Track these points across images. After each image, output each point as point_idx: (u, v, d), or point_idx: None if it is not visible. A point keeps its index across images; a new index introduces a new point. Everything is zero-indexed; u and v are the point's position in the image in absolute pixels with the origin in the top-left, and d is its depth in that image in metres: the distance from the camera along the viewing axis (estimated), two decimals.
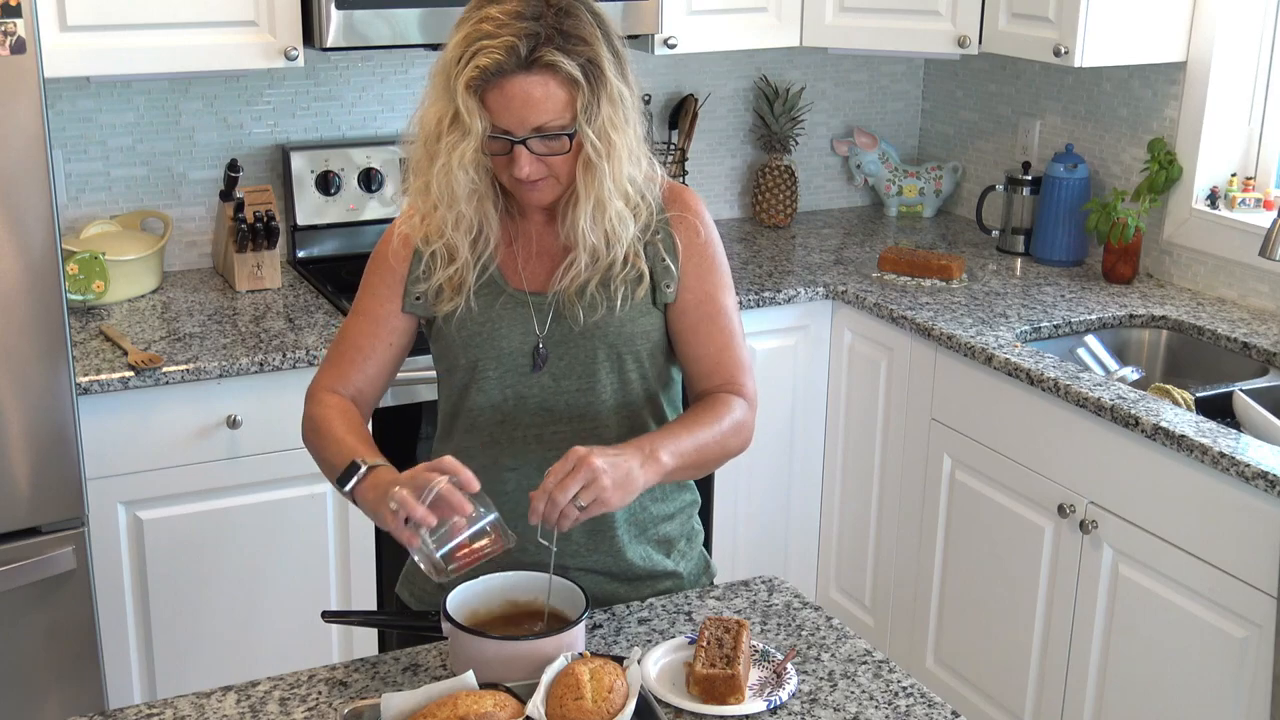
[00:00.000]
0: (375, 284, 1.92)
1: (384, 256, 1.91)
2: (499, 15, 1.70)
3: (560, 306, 1.85)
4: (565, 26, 1.71)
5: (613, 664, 1.61)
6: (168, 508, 2.81)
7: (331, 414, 1.86)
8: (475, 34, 1.70)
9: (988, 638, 3.07)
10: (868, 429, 3.37)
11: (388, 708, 1.54)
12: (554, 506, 1.64)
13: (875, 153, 4.01)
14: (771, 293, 3.30)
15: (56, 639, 2.65)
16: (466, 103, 1.70)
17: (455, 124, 1.73)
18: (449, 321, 1.87)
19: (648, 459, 1.72)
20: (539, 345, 1.85)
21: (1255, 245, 3.06)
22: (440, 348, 1.92)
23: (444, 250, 1.83)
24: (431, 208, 1.81)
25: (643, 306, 1.87)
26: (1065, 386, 2.73)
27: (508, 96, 1.70)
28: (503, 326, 1.86)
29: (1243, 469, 2.39)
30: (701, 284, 1.89)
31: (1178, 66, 3.30)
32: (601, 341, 1.86)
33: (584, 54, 1.71)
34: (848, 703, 1.69)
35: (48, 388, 2.54)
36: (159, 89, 3.26)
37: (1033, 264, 3.58)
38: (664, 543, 1.97)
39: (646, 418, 1.93)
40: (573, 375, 1.87)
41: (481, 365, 1.87)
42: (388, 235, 1.92)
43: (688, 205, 1.90)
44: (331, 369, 1.92)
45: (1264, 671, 2.41)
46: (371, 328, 1.90)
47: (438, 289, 1.86)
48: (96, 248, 3.03)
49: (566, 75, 1.70)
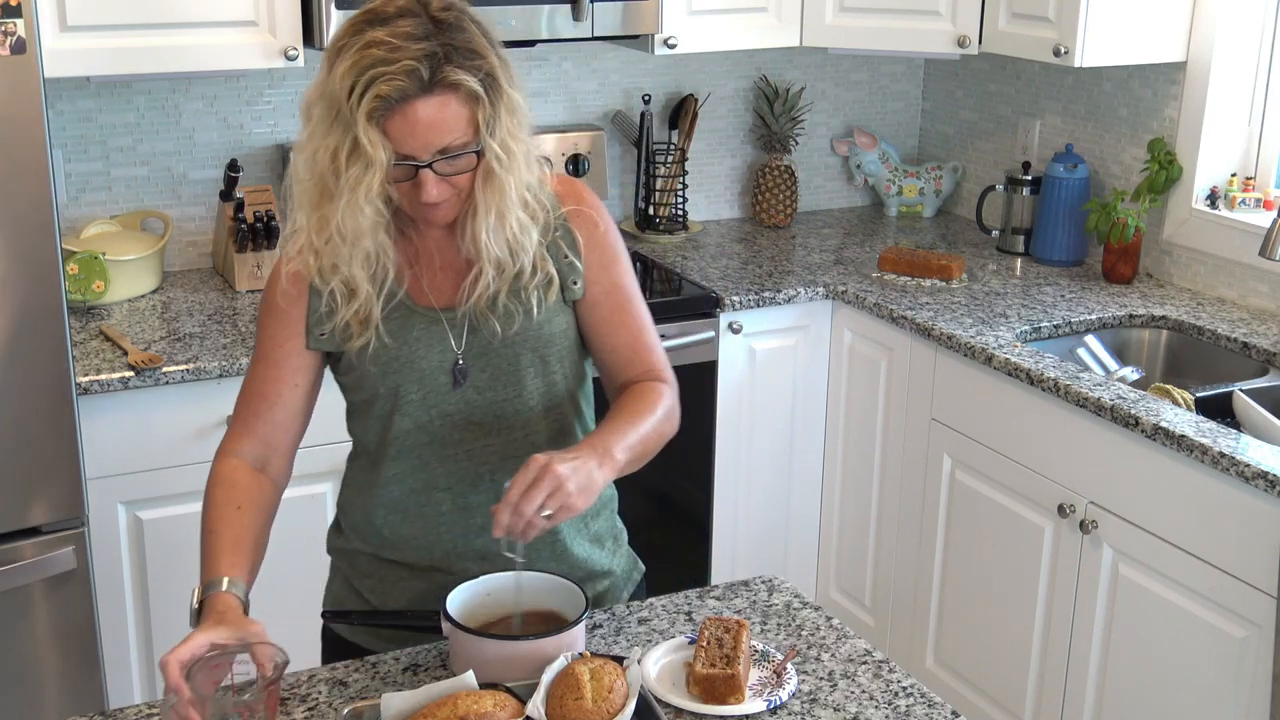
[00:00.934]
0: (271, 328, 1.83)
1: (275, 300, 1.82)
2: (388, 39, 1.62)
3: (474, 320, 1.81)
4: (459, 42, 1.65)
5: (613, 664, 1.61)
6: (168, 508, 2.81)
7: (215, 490, 1.79)
8: (366, 61, 1.62)
9: (988, 638, 3.07)
10: (868, 429, 3.37)
11: (388, 708, 1.54)
12: (520, 518, 1.62)
13: (875, 153, 4.01)
14: (771, 293, 3.30)
15: (56, 639, 2.65)
16: (369, 134, 1.62)
17: (356, 157, 1.64)
18: (362, 355, 1.80)
19: (604, 458, 1.70)
20: (458, 361, 1.81)
21: (1255, 245, 3.06)
22: (354, 379, 1.85)
23: (342, 287, 1.76)
24: (325, 243, 1.72)
25: (556, 307, 1.84)
26: (1065, 386, 2.73)
27: (411, 122, 1.63)
28: (420, 348, 1.80)
29: (1243, 469, 2.39)
30: (608, 275, 1.88)
31: (1178, 66, 3.30)
32: (524, 348, 1.82)
33: (481, 67, 1.67)
34: (848, 703, 1.69)
35: (48, 388, 2.54)
36: (159, 89, 3.26)
37: (1033, 264, 3.58)
38: (596, 540, 1.96)
39: (570, 418, 1.91)
40: (498, 385, 1.83)
41: (403, 389, 1.81)
42: (274, 278, 1.83)
43: (583, 199, 1.88)
44: (238, 425, 1.85)
45: (1264, 671, 2.41)
46: (274, 373, 1.83)
47: (344, 325, 1.78)
48: (96, 248, 3.04)
49: (468, 92, 1.65)
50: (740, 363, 3.34)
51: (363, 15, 1.68)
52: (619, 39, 3.37)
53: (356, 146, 1.64)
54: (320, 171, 1.68)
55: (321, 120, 1.67)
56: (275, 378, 1.83)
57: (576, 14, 3.16)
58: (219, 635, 1.57)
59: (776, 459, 3.45)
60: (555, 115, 3.72)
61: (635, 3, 3.23)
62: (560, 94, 3.71)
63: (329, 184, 1.68)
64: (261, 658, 1.56)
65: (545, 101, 3.69)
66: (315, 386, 1.86)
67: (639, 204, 3.77)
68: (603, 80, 3.74)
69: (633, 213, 3.81)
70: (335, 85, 1.64)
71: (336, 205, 1.68)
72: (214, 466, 1.84)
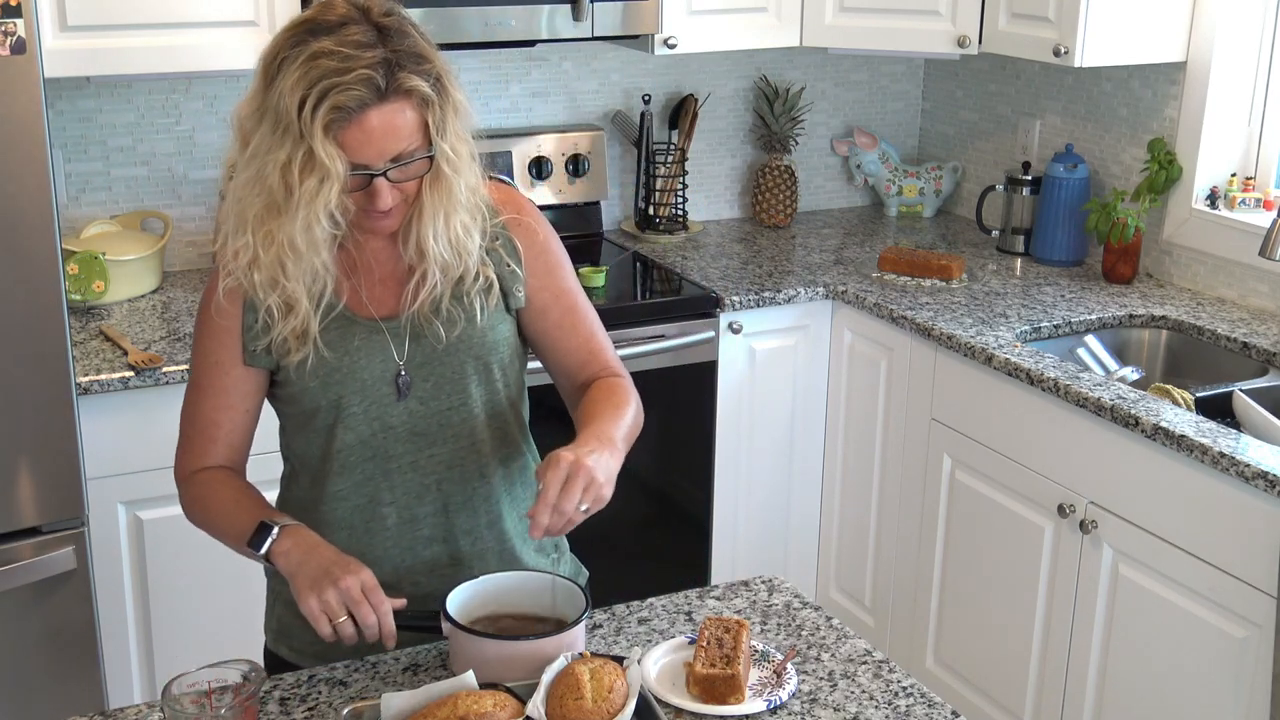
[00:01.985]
0: (212, 350, 1.80)
1: (211, 320, 1.79)
2: (337, 49, 1.59)
3: (417, 328, 1.78)
4: (406, 46, 1.64)
5: (613, 664, 1.61)
6: (168, 508, 2.77)
7: (214, 487, 1.80)
8: (317, 71, 1.59)
9: (988, 638, 3.07)
10: (868, 429, 3.37)
11: (388, 708, 1.54)
12: (560, 516, 1.62)
13: (875, 153, 4.01)
14: (771, 293, 3.30)
15: (56, 639, 2.65)
16: (325, 147, 1.59)
17: (310, 170, 1.60)
18: (301, 370, 1.77)
19: (612, 448, 1.71)
20: (400, 372, 1.79)
21: (1255, 245, 3.06)
22: (292, 393, 1.80)
23: (280, 302, 1.72)
24: (272, 258, 1.68)
25: (499, 314, 1.83)
26: (1065, 386, 2.73)
27: (367, 131, 1.61)
28: (361, 358, 1.78)
29: (1243, 469, 2.39)
30: (553, 281, 1.87)
31: (1178, 66, 3.30)
32: (468, 355, 1.81)
33: (430, 71, 1.65)
34: (848, 703, 1.69)
35: (48, 388, 2.54)
36: (159, 89, 3.26)
37: (1033, 264, 3.58)
38: (541, 550, 1.95)
39: (512, 426, 1.90)
40: (442, 395, 1.82)
41: (345, 401, 1.78)
42: (210, 295, 1.79)
43: (520, 207, 1.87)
44: (190, 452, 1.84)
45: (1264, 671, 2.41)
46: (223, 400, 1.81)
47: (282, 341, 1.75)
48: (96, 248, 3.04)
49: (421, 97, 1.63)
50: (740, 363, 3.34)
51: (301, 25, 1.65)
52: (619, 39, 3.37)
53: (311, 159, 1.60)
54: (268, 186, 1.64)
55: (266, 135, 1.63)
56: (225, 405, 1.81)
57: (576, 14, 3.16)
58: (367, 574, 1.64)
59: (776, 459, 3.45)
60: (555, 115, 3.72)
61: (635, 3, 3.23)
62: (560, 94, 3.71)
63: (277, 199, 1.64)
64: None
65: (545, 101, 3.69)
66: (261, 403, 1.85)
67: (639, 204, 3.77)
68: (603, 80, 3.74)
69: (633, 213, 3.82)
70: (282, 98, 1.61)
71: (290, 219, 1.64)
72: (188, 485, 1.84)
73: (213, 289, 1.78)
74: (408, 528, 1.84)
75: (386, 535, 1.84)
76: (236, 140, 1.71)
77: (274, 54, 1.64)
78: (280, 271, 1.69)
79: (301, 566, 1.67)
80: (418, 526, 1.84)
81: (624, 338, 3.11)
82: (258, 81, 1.66)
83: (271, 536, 1.70)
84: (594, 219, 3.74)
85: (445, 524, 1.85)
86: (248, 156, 1.67)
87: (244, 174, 1.67)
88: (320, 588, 1.63)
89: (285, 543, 1.69)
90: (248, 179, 1.67)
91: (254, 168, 1.65)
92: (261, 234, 1.67)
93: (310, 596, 1.63)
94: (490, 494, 1.87)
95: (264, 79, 1.64)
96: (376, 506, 1.83)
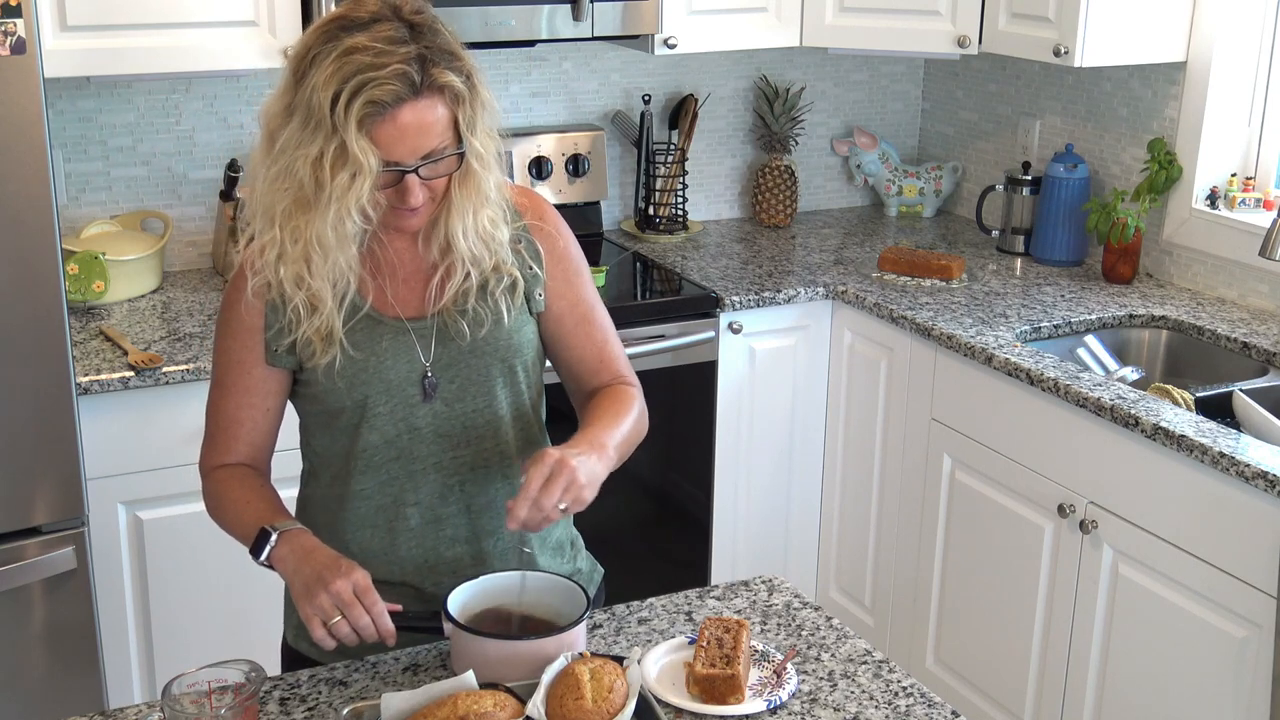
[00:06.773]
0: (234, 349, 1.79)
1: (235, 318, 1.79)
2: (372, 44, 1.60)
3: (444, 327, 1.79)
4: (438, 44, 1.64)
5: (613, 664, 1.61)
6: (168, 508, 2.81)
7: (229, 485, 1.81)
8: (351, 66, 1.59)
9: (988, 638, 3.07)
10: (868, 429, 3.37)
11: (388, 708, 1.54)
12: (539, 511, 1.64)
13: (875, 153, 4.01)
14: (771, 293, 3.30)
15: (56, 639, 2.65)
16: (359, 141, 1.59)
17: (342, 164, 1.60)
18: (328, 371, 1.76)
19: (601, 453, 1.72)
20: (426, 373, 1.79)
21: (1255, 245, 3.06)
22: (317, 392, 1.80)
23: (305, 301, 1.72)
24: (299, 255, 1.68)
25: (523, 317, 1.84)
26: (1065, 386, 2.73)
27: (401, 127, 1.61)
28: (388, 359, 1.77)
29: (1243, 469, 2.39)
30: (571, 288, 1.88)
31: (1178, 66, 3.30)
32: (494, 357, 1.81)
33: (461, 68, 1.66)
34: (848, 703, 1.69)
35: (48, 388, 2.54)
36: (159, 89, 3.26)
37: (1033, 264, 3.58)
38: (558, 549, 1.95)
39: (535, 427, 1.90)
40: (467, 396, 1.82)
41: (371, 401, 1.78)
42: (236, 294, 1.78)
43: (544, 213, 1.87)
44: (213, 448, 1.84)
45: (1264, 671, 2.41)
46: (245, 399, 1.81)
47: (306, 342, 1.75)
48: (96, 248, 3.04)
49: (454, 93, 1.64)
50: (740, 363, 3.34)
51: (332, 22, 1.65)
52: (619, 39, 3.37)
53: (344, 154, 1.60)
54: (298, 181, 1.64)
55: (296, 130, 1.63)
56: (248, 404, 1.81)
57: (576, 14, 3.16)
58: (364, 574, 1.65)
59: (776, 459, 3.45)
60: (555, 115, 3.72)
61: (635, 3, 3.23)
62: (560, 94, 3.71)
63: (308, 194, 1.64)
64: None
65: (545, 101, 3.69)
66: (285, 400, 1.85)
67: (639, 204, 3.77)
68: (603, 80, 3.74)
69: (633, 213, 3.82)
70: (315, 93, 1.61)
71: (320, 215, 1.64)
72: (209, 479, 1.84)
73: (236, 288, 1.78)
74: (431, 528, 1.84)
75: (410, 535, 1.84)
76: (262, 138, 1.70)
77: (305, 50, 1.64)
78: (306, 268, 1.69)
79: (297, 571, 1.67)
80: (441, 527, 1.85)
81: (624, 338, 3.06)
82: (287, 78, 1.66)
83: (270, 544, 1.70)
84: (594, 219, 3.74)
85: (469, 524, 1.85)
86: (276, 152, 1.66)
87: (272, 169, 1.67)
88: (313, 592, 1.64)
89: (283, 548, 1.70)
90: (276, 174, 1.66)
91: (283, 163, 1.65)
92: (289, 229, 1.68)
93: (303, 600, 1.64)
94: (513, 495, 1.86)
95: (294, 75, 1.65)
96: (400, 507, 1.84)
